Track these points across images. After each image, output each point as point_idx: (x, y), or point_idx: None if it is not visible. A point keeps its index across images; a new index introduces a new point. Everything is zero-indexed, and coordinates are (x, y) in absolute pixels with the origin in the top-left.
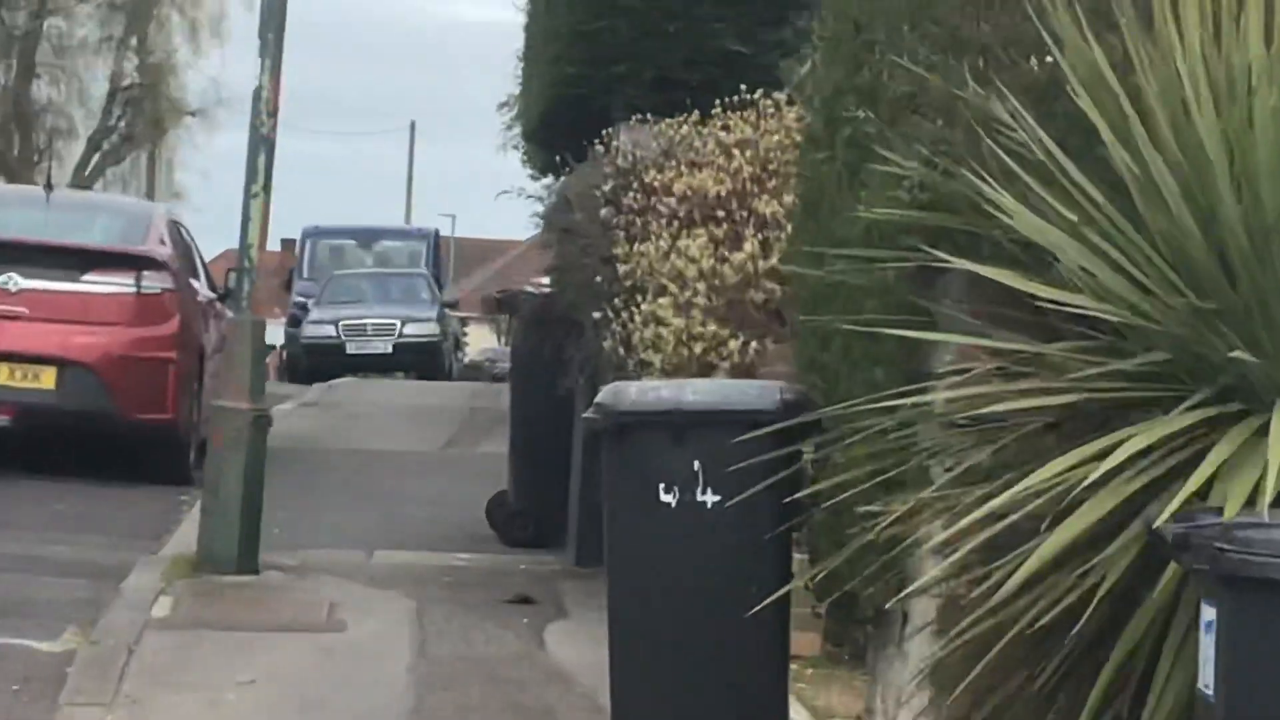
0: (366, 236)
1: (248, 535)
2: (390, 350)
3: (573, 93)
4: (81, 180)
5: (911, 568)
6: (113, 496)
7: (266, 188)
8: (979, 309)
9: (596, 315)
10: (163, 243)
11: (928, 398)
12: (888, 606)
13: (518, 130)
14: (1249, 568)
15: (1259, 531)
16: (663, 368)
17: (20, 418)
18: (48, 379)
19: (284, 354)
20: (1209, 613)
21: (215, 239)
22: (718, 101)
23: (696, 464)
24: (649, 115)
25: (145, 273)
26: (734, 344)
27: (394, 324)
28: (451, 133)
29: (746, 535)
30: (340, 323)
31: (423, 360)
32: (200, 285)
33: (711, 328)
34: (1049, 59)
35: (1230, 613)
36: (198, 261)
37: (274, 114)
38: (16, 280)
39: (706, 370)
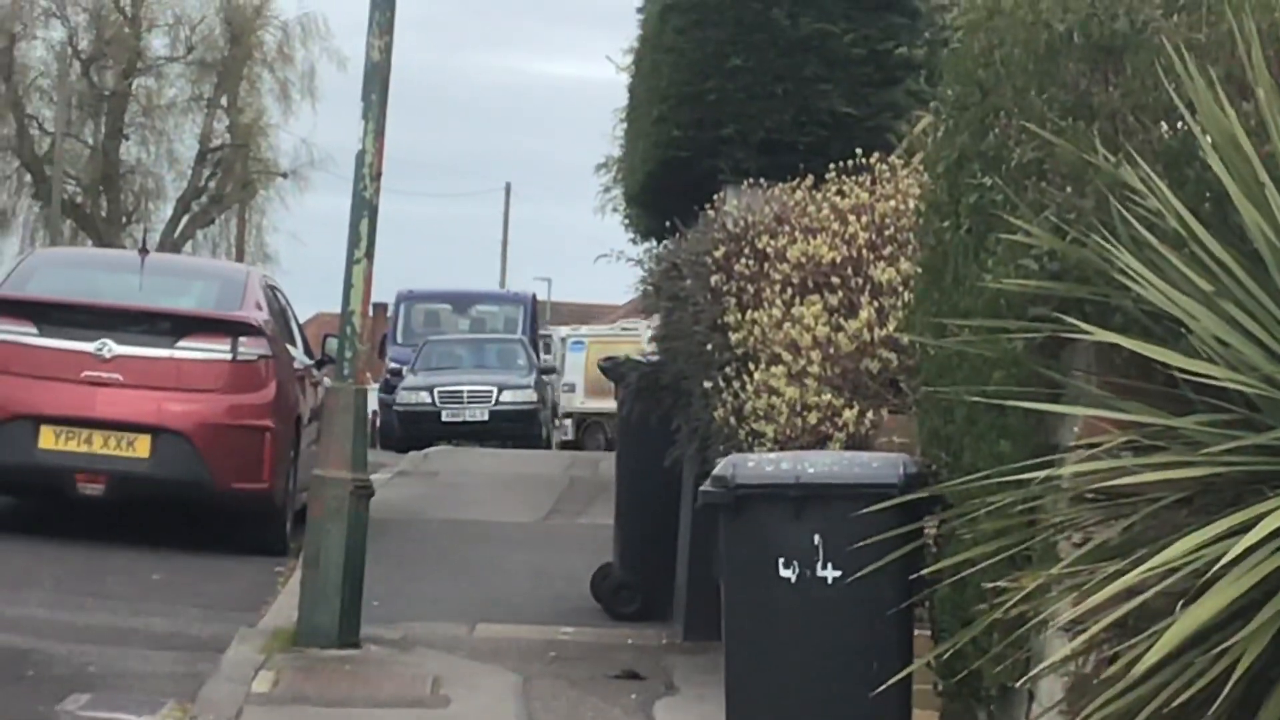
0: (462, 301)
1: (349, 608)
2: (487, 418)
3: (678, 155)
4: (170, 242)
5: (1039, 646)
6: (208, 566)
7: (369, 253)
8: (1109, 380)
9: (707, 384)
10: (259, 307)
11: (1056, 471)
12: (1014, 686)
13: (617, 192)
14: None
15: None
16: (776, 438)
17: (114, 486)
18: (142, 447)
19: (377, 421)
20: None
21: (306, 302)
22: (830, 165)
23: (816, 538)
24: (759, 179)
25: (241, 339)
26: (849, 414)
27: (490, 390)
28: (547, 194)
29: (868, 611)
30: (435, 389)
31: (520, 428)
32: (297, 351)
33: (826, 397)
34: (1180, 125)
35: None
36: (294, 326)
37: (377, 177)
38: (110, 346)
39: (820, 441)
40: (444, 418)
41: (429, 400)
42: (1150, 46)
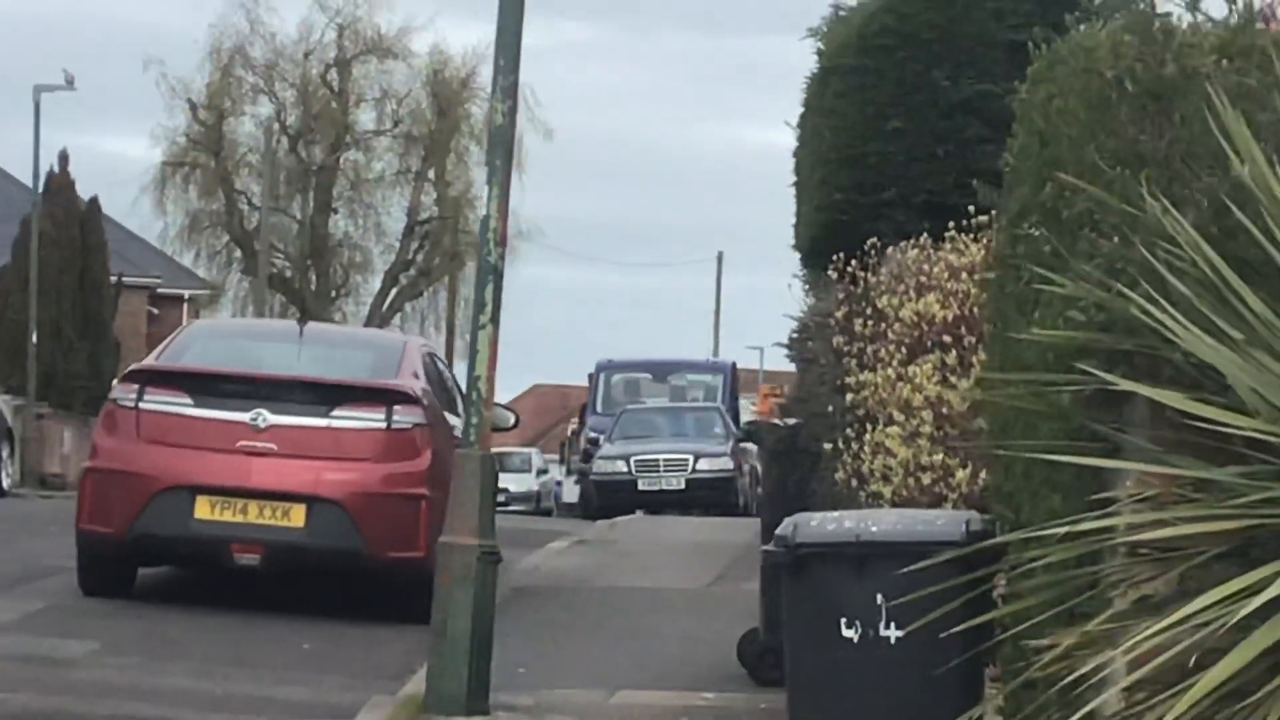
0: (661, 370)
1: (477, 675)
2: (683, 486)
3: (840, 219)
4: (379, 315)
5: (1102, 703)
6: (361, 636)
7: (495, 318)
8: (1161, 434)
9: (827, 446)
10: (415, 376)
11: (1102, 524)
12: None
13: None
14: None
15: None
16: (892, 499)
17: (269, 556)
18: (297, 517)
19: (579, 489)
20: None
21: (522, 373)
22: (950, 224)
23: (879, 597)
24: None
25: (396, 407)
26: (962, 474)
27: (687, 459)
28: (759, 262)
29: (931, 670)
30: (632, 458)
31: (716, 496)
32: (456, 419)
33: (939, 457)
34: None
35: None
36: (455, 394)
37: (502, 243)
38: (266, 416)
39: (936, 502)
40: (640, 486)
41: (625, 469)
42: (1199, 92)
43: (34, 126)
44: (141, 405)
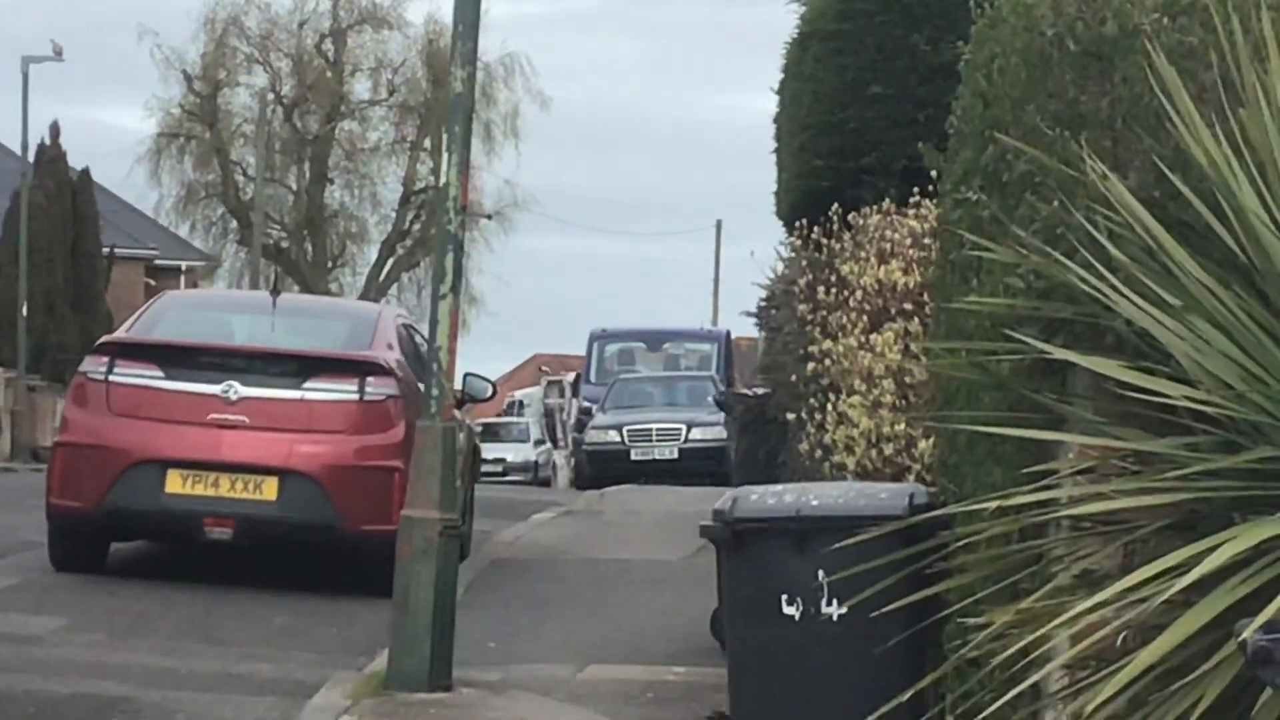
0: (655, 339)
1: (440, 651)
2: (676, 455)
3: (820, 185)
4: (375, 285)
5: (1041, 678)
6: (333, 611)
7: (455, 288)
8: (1104, 405)
9: (790, 416)
10: (390, 347)
11: (1037, 496)
12: None
13: None
14: None
15: None
16: (856, 471)
17: (241, 530)
18: (269, 490)
19: (573, 460)
20: None
21: (520, 344)
22: (915, 189)
23: (820, 574)
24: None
25: (369, 379)
26: (924, 445)
27: (679, 429)
28: (759, 230)
29: (874, 647)
30: (624, 428)
31: (710, 465)
32: None
33: (901, 427)
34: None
35: None
36: None
37: (462, 210)
38: (236, 389)
39: (899, 473)
40: (633, 456)
41: (618, 439)
42: (1141, 51)
43: (22, 98)
44: (111, 378)
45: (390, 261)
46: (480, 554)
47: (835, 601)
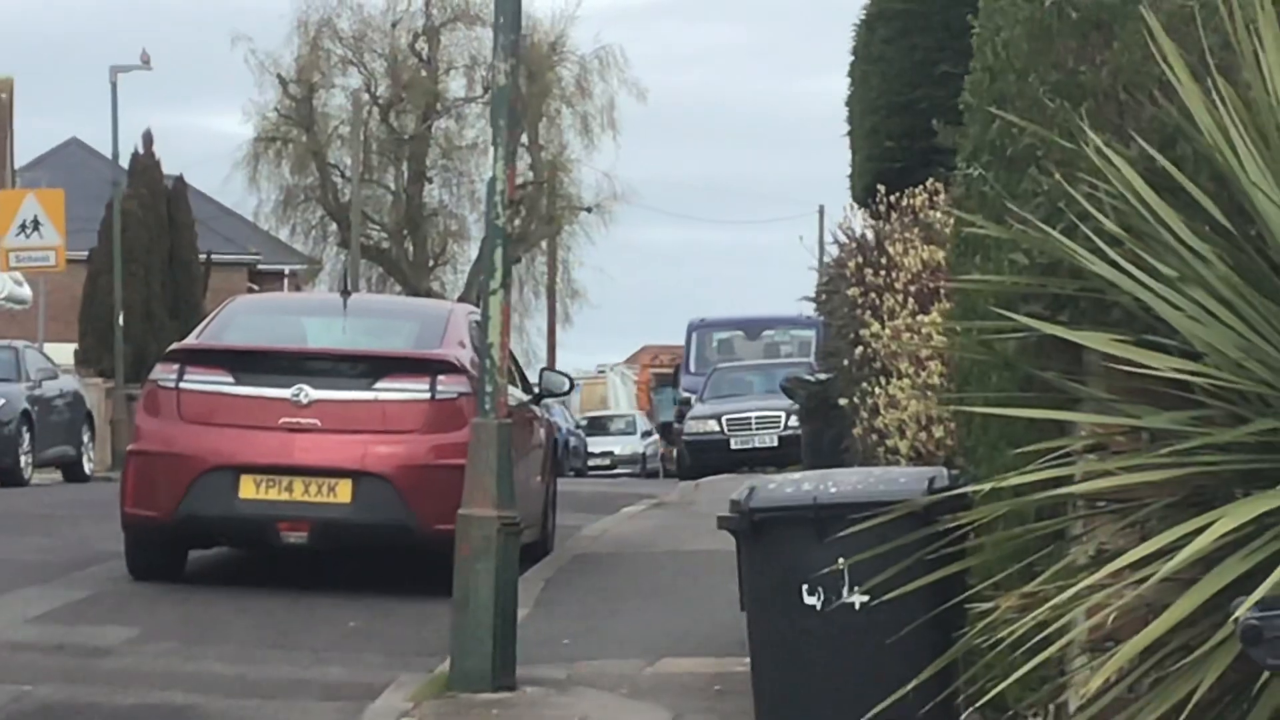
0: (754, 327)
1: (503, 649)
2: (776, 444)
3: (892, 166)
4: (478, 283)
5: (1066, 660)
6: (410, 612)
7: (505, 283)
8: (1115, 381)
9: (842, 401)
10: (461, 345)
11: (1039, 475)
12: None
13: None
14: None
15: None
16: (908, 454)
17: (317, 533)
18: (343, 492)
19: (672, 451)
20: None
21: (628, 336)
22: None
23: (841, 561)
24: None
25: (440, 378)
26: (939, 429)
27: (779, 416)
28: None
29: (898, 635)
30: (723, 417)
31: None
32: (511, 387)
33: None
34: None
35: None
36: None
37: (510, 205)
38: (308, 391)
39: (952, 457)
40: (733, 445)
41: (717, 429)
42: (1139, 18)
43: (111, 107)
44: (182, 385)
45: None
46: (564, 549)
47: (856, 589)
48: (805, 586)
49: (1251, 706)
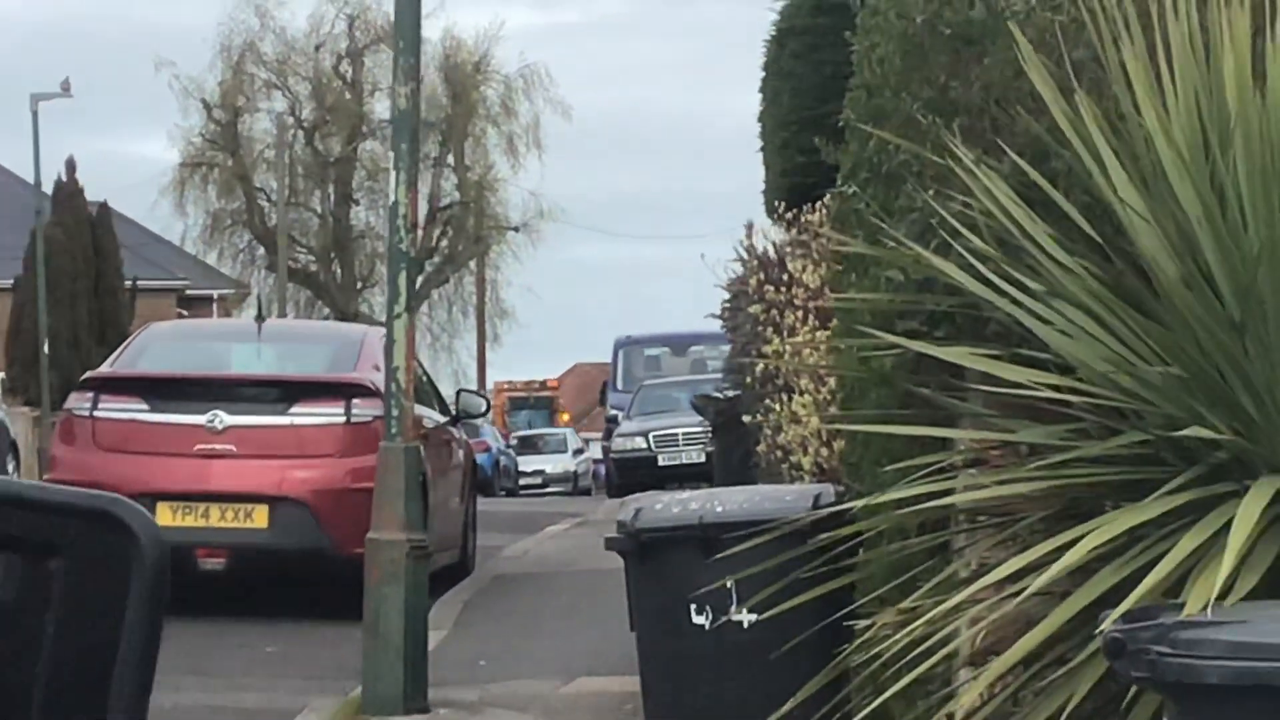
0: (680, 343)
1: (414, 672)
2: (704, 459)
3: (804, 182)
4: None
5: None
6: (329, 635)
7: (410, 306)
8: (994, 396)
9: (746, 419)
10: (376, 368)
11: (908, 493)
12: None
13: None
14: (1190, 673)
15: (1201, 631)
16: (811, 470)
17: (235, 559)
18: (260, 518)
19: (604, 469)
20: None
21: (560, 354)
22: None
23: (729, 581)
24: None
25: (356, 400)
26: (816, 446)
27: (706, 432)
28: None
29: (787, 652)
30: (650, 434)
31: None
32: (427, 410)
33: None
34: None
35: None
36: (425, 385)
37: (413, 229)
38: (223, 417)
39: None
40: (660, 462)
41: (644, 445)
42: (1010, 33)
43: (33, 135)
44: (96, 413)
45: (420, 279)
46: (484, 570)
47: (744, 608)
48: (693, 606)
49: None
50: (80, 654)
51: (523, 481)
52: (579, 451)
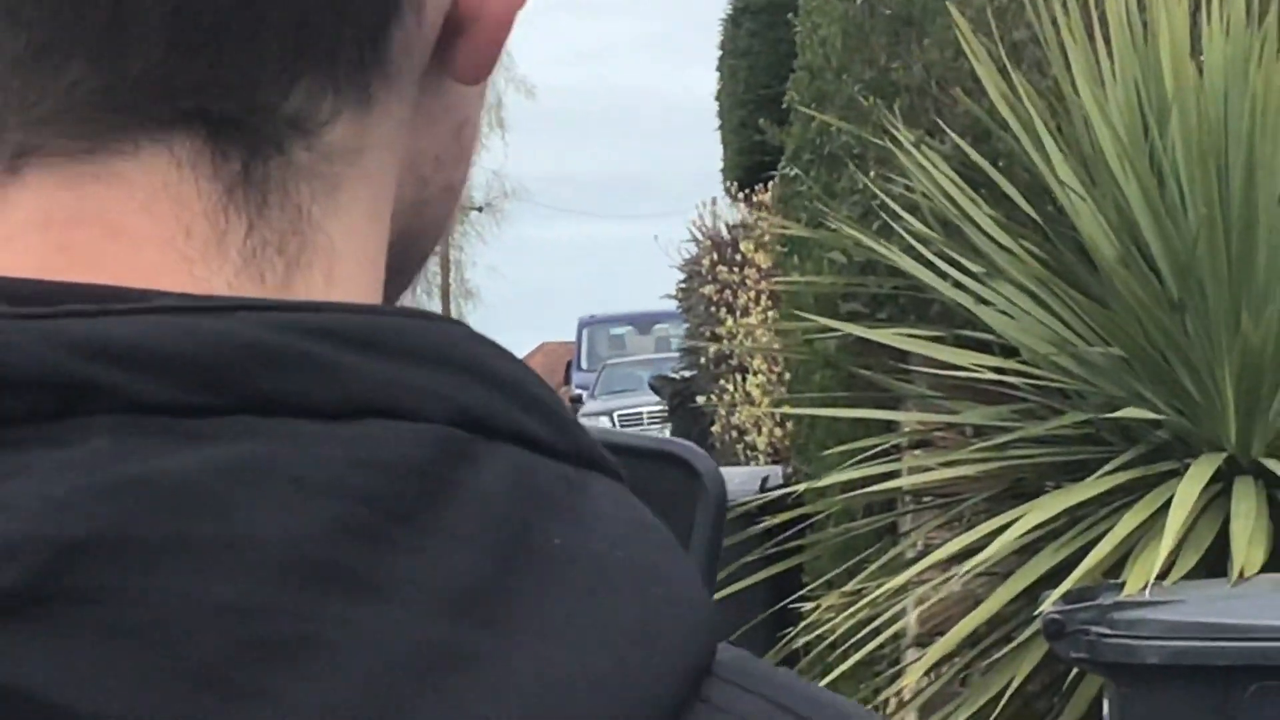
0: (645, 321)
1: None
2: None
3: (762, 160)
4: None
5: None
6: None
7: None
8: (940, 377)
9: (700, 399)
10: None
11: (864, 473)
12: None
13: None
14: (1129, 653)
15: (1139, 611)
16: (765, 450)
17: None
18: None
19: None
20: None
21: (526, 333)
22: None
23: None
24: None
25: None
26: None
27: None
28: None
29: (739, 638)
30: (615, 413)
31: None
32: None
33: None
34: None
35: (1119, 707)
36: None
37: None
38: None
39: None
40: None
41: (609, 425)
42: (949, 14)
43: None
44: None
45: None
46: None
47: None
48: None
49: (1065, 701)
50: None
51: None
52: None
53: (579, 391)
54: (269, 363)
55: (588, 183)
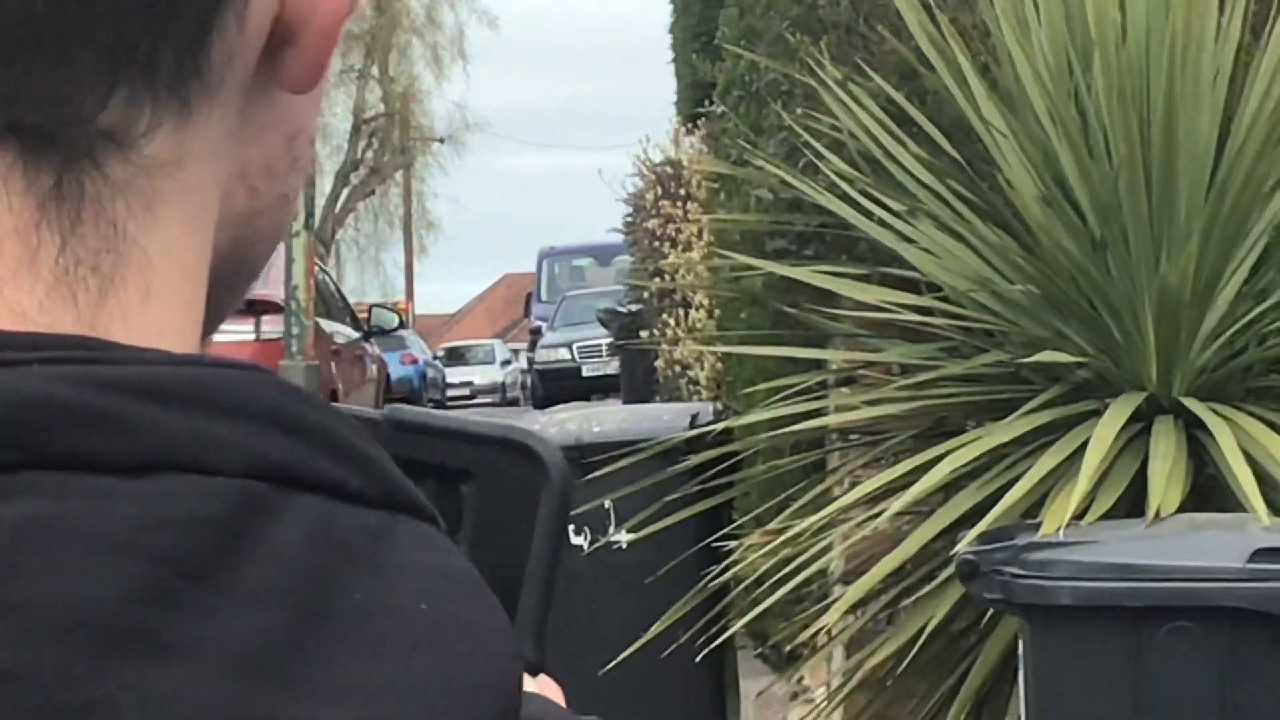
0: (605, 253)
1: None
2: None
3: (708, 94)
4: (332, 216)
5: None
6: None
7: (308, 224)
8: (867, 315)
9: (644, 333)
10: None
11: (790, 410)
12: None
13: None
14: (1042, 594)
15: (1053, 552)
16: (706, 385)
17: None
18: None
19: (526, 380)
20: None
21: (489, 264)
22: None
23: (606, 502)
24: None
25: (265, 317)
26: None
27: None
28: None
29: (667, 574)
30: (574, 345)
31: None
32: (339, 325)
33: None
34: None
35: (1032, 648)
36: (337, 301)
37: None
38: None
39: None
40: (584, 373)
41: (568, 356)
42: None
43: None
44: None
45: (345, 192)
46: None
47: (623, 529)
48: (571, 527)
49: (982, 640)
50: (491, 573)
51: (450, 393)
52: (506, 362)
53: (539, 323)
54: (64, 419)
55: (551, 114)
